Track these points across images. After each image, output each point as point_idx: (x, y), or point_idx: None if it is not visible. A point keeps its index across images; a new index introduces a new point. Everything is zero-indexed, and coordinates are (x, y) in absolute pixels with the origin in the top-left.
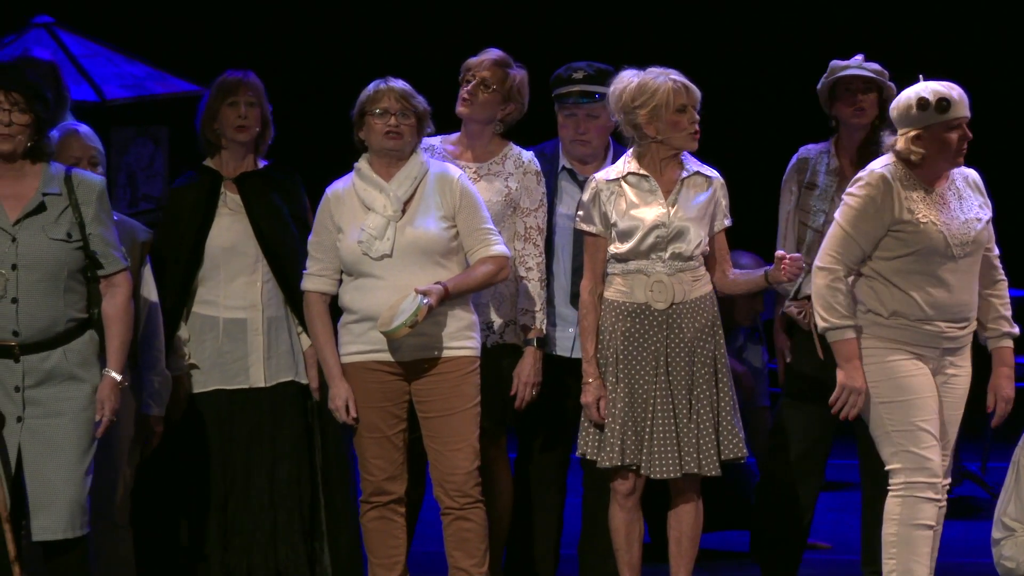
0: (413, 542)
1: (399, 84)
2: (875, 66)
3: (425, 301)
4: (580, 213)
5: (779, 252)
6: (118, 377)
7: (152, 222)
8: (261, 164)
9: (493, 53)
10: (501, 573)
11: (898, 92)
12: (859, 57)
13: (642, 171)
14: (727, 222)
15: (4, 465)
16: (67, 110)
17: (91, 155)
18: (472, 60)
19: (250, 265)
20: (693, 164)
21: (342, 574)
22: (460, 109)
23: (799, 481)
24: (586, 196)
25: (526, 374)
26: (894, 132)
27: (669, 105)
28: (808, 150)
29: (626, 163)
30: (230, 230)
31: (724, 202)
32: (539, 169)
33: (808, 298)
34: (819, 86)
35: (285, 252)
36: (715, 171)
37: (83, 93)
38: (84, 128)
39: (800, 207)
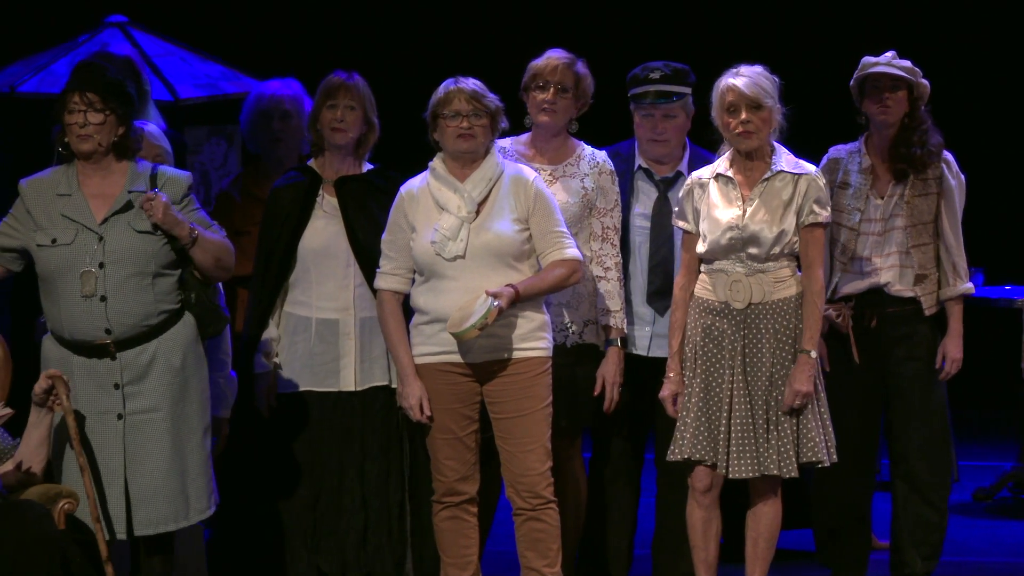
0: (487, 541)
1: (469, 84)
2: (905, 63)
3: (495, 303)
4: (676, 209)
5: None
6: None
7: None
8: (365, 168)
9: (559, 54)
10: (575, 573)
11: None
12: (890, 54)
13: (729, 172)
14: (819, 218)
15: (90, 464)
16: (149, 105)
17: (156, 153)
18: (539, 64)
19: (341, 268)
20: (781, 163)
21: None
22: (543, 118)
23: (852, 482)
24: (681, 193)
25: (611, 374)
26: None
27: (720, 104)
28: (838, 150)
29: (720, 163)
30: (324, 232)
31: (814, 199)
32: (613, 169)
33: (845, 300)
34: (851, 82)
35: (377, 257)
36: (810, 167)
37: (157, 92)
38: (150, 127)
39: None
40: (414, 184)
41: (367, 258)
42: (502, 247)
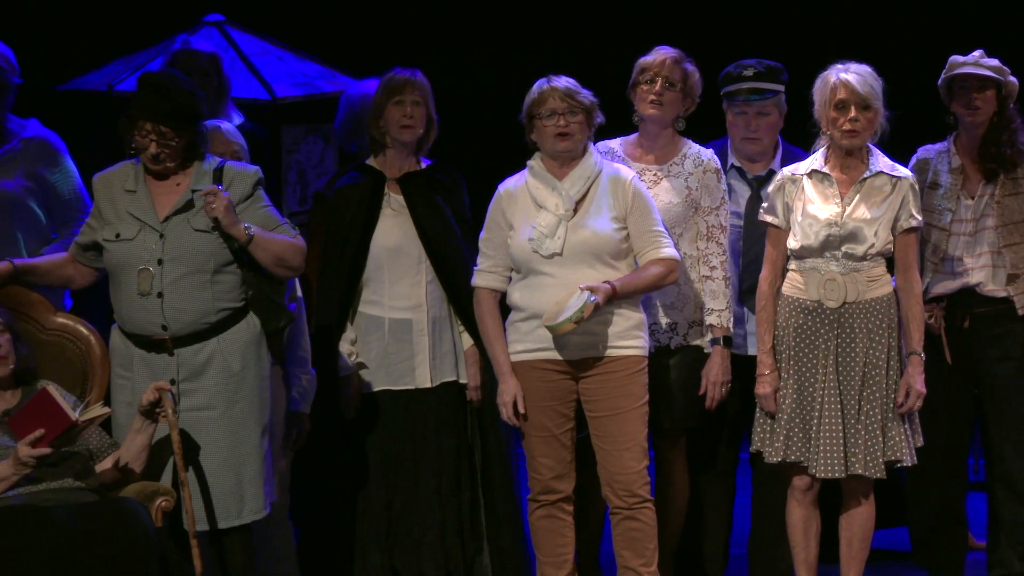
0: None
1: (562, 82)
2: (993, 62)
3: (592, 299)
4: (764, 204)
5: None
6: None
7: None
8: (424, 164)
9: (668, 51)
10: (673, 572)
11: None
12: (977, 53)
13: (825, 169)
14: (914, 223)
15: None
16: (228, 101)
17: (233, 150)
18: (648, 59)
19: (414, 266)
20: (879, 164)
21: (503, 575)
22: (650, 111)
23: (945, 483)
24: (771, 188)
25: (715, 373)
26: None
27: (829, 101)
28: (927, 151)
29: (814, 159)
30: (394, 231)
31: (912, 202)
32: (719, 167)
33: (936, 300)
34: (939, 82)
35: (448, 252)
36: (906, 170)
37: (254, 91)
38: (227, 125)
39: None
40: (512, 182)
41: (438, 253)
42: (599, 245)
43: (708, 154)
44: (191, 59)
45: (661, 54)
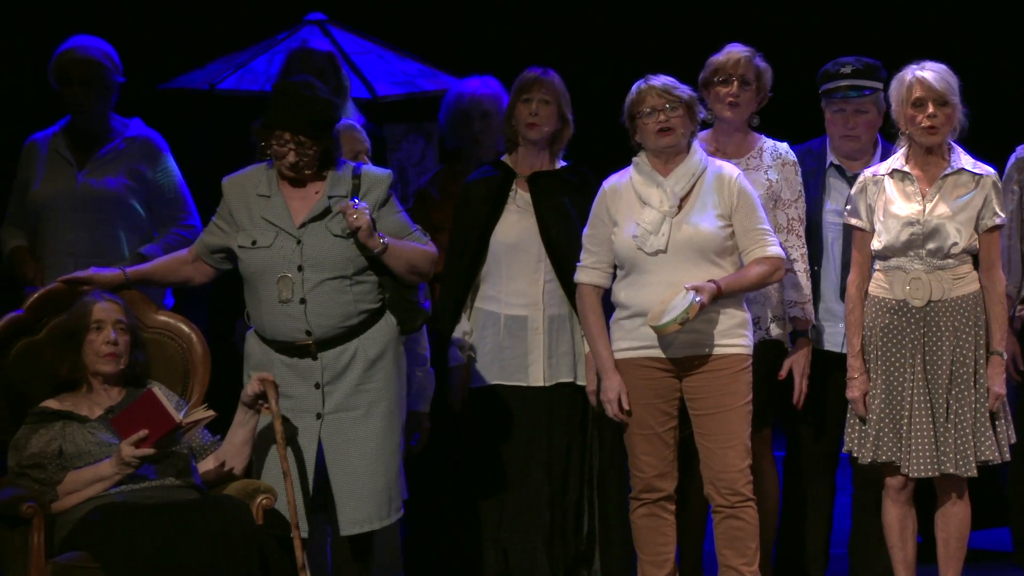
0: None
1: (659, 80)
2: None
3: (697, 299)
4: (848, 207)
5: None
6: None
7: None
8: (559, 164)
9: (739, 48)
10: (771, 571)
11: None
12: None
13: (906, 168)
14: (997, 221)
15: (299, 467)
16: (347, 101)
17: (359, 150)
18: (720, 58)
19: (532, 264)
20: (961, 161)
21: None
22: (726, 113)
23: None
24: (854, 190)
25: (800, 366)
26: None
27: (906, 99)
28: None
29: (895, 159)
30: (516, 227)
31: (995, 200)
32: (796, 160)
33: None
34: None
35: (569, 253)
36: (989, 168)
37: (355, 90)
38: (356, 125)
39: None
40: (617, 179)
41: (559, 253)
42: (703, 242)
43: (784, 147)
44: (308, 59)
45: (734, 53)
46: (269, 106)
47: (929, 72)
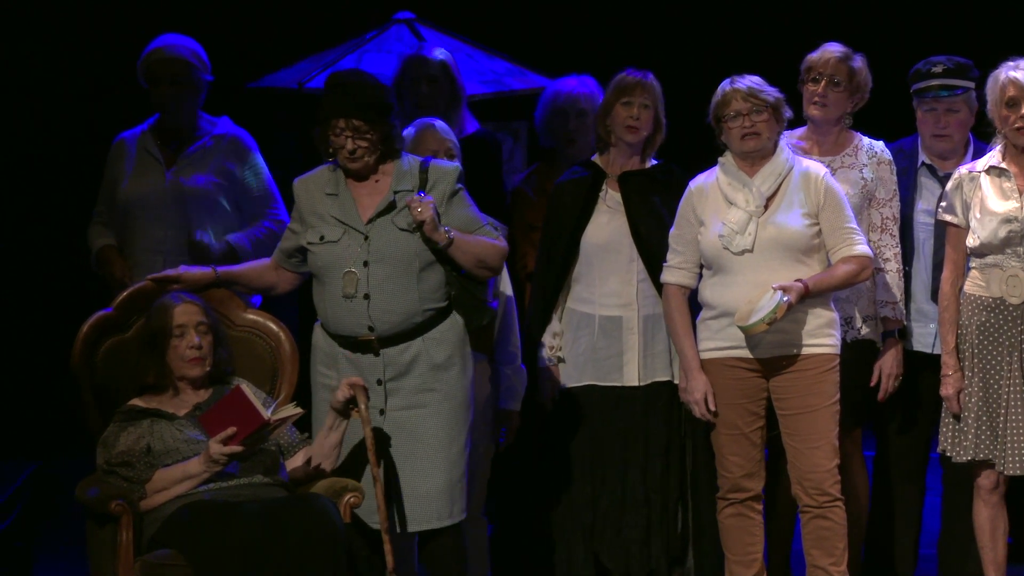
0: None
1: (744, 82)
2: None
3: (785, 299)
4: (943, 204)
5: None
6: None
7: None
8: (650, 164)
9: (834, 48)
10: (861, 571)
11: None
12: None
13: (1002, 165)
14: None
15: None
16: (461, 108)
17: (447, 147)
18: (813, 57)
19: (624, 264)
20: None
21: None
22: (813, 112)
23: None
24: (949, 186)
25: (889, 365)
26: None
27: (1000, 99)
28: None
29: (991, 156)
30: (607, 227)
31: None
32: (891, 159)
33: None
34: None
35: (661, 252)
36: None
37: None
38: (440, 123)
39: None
40: (703, 179)
41: (650, 253)
42: (790, 241)
43: (880, 146)
44: (420, 65)
45: (827, 52)
46: (321, 102)
47: (1023, 72)
